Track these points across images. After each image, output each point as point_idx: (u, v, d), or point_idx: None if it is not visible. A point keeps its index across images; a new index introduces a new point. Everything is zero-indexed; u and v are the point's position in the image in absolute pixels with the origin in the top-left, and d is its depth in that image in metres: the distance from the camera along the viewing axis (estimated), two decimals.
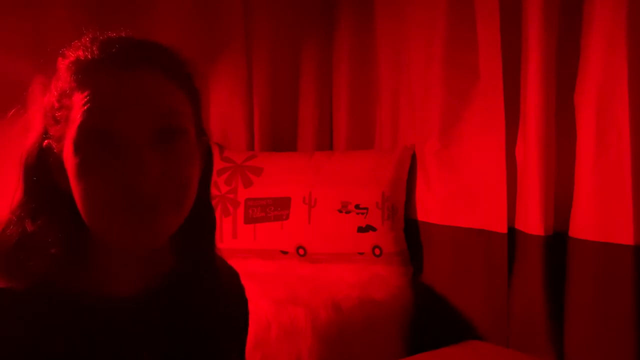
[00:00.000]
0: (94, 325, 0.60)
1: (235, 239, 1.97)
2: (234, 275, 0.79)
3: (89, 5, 1.83)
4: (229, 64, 2.13)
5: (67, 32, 1.77)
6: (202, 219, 0.69)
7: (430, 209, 1.87)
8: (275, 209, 1.95)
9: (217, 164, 2.06)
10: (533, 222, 1.50)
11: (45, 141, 0.62)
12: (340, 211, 1.89)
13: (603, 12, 1.34)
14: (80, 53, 0.60)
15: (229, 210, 1.99)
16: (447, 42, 1.74)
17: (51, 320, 0.58)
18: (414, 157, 1.94)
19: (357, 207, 1.88)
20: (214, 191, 2.20)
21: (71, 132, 0.57)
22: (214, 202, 2.25)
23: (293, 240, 1.92)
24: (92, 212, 0.58)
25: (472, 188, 1.71)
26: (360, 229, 1.87)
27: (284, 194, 1.95)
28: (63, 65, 0.61)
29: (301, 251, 1.92)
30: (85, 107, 0.57)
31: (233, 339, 0.75)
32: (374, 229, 1.86)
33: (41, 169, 0.62)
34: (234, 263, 2.12)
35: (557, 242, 1.47)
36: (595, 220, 1.38)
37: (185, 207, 0.62)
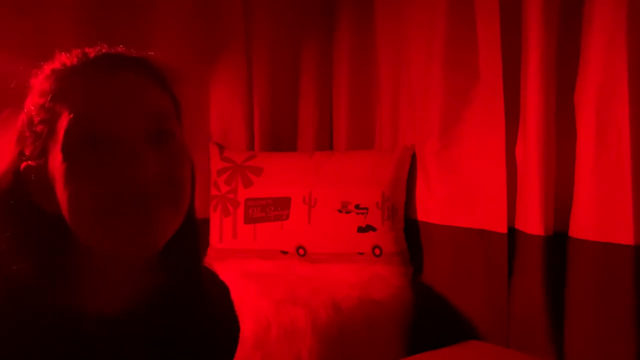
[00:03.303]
0: (77, 344, 0.57)
1: (235, 239, 1.97)
2: (223, 290, 0.77)
3: (89, 6, 1.83)
4: (229, 64, 2.12)
5: (68, 32, 1.77)
6: (188, 232, 0.67)
7: (430, 209, 1.87)
8: (275, 209, 1.95)
9: (217, 164, 2.06)
10: (533, 222, 1.50)
11: (23, 164, 0.60)
12: (340, 211, 1.89)
13: (603, 12, 1.34)
14: (57, 65, 0.59)
15: (229, 210, 1.99)
16: (447, 42, 1.74)
17: (25, 341, 0.56)
18: (414, 157, 1.94)
19: (357, 207, 1.88)
20: (214, 191, 2.21)
21: (58, 140, 0.56)
22: (213, 202, 2.25)
23: (293, 240, 1.92)
24: (87, 217, 0.56)
25: (472, 188, 1.71)
26: (360, 229, 1.87)
27: (284, 194, 1.95)
28: (38, 80, 0.60)
29: (301, 251, 1.91)
30: (74, 111, 0.55)
31: (220, 354, 0.73)
32: (374, 229, 1.86)
33: (17, 193, 0.60)
34: (234, 263, 2.12)
35: (557, 242, 1.47)
36: (595, 220, 1.38)
37: (182, 208, 0.60)
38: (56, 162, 0.56)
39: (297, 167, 2.00)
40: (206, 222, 2.03)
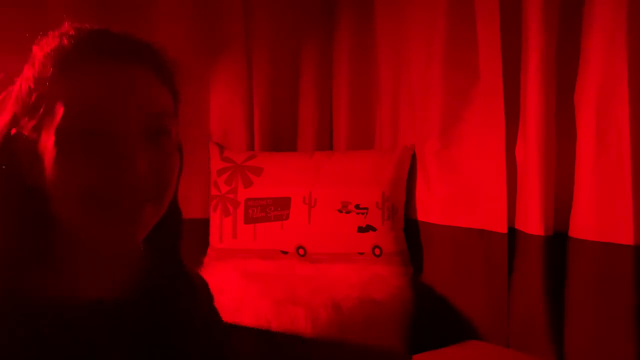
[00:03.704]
0: (62, 334, 0.56)
1: (235, 239, 1.97)
2: (204, 284, 0.78)
3: (88, 6, 1.83)
4: (229, 64, 2.13)
5: None
6: (172, 222, 0.67)
7: (430, 209, 1.87)
8: (275, 209, 1.95)
9: (217, 164, 2.06)
10: (533, 222, 1.50)
11: (13, 129, 0.58)
12: (340, 211, 1.89)
13: (603, 12, 1.34)
14: (65, 41, 0.57)
15: (229, 210, 1.99)
16: (447, 42, 1.74)
17: (11, 331, 0.54)
18: (414, 157, 1.94)
19: (357, 207, 1.88)
20: (214, 191, 2.20)
21: (54, 123, 0.54)
22: (213, 202, 2.23)
23: (293, 240, 1.92)
24: (75, 204, 0.56)
25: (472, 188, 1.71)
26: (360, 229, 1.87)
27: (284, 194, 1.95)
28: (41, 52, 0.58)
29: (301, 251, 1.91)
30: (74, 99, 0.55)
31: (207, 343, 0.72)
32: (374, 229, 1.86)
33: (5, 159, 0.58)
34: (234, 263, 2.11)
35: (557, 242, 1.47)
36: (595, 220, 1.38)
37: (165, 203, 0.61)
38: (48, 143, 0.55)
39: (297, 167, 2.00)
40: (206, 222, 2.03)
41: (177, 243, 0.70)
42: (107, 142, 0.55)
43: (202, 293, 0.75)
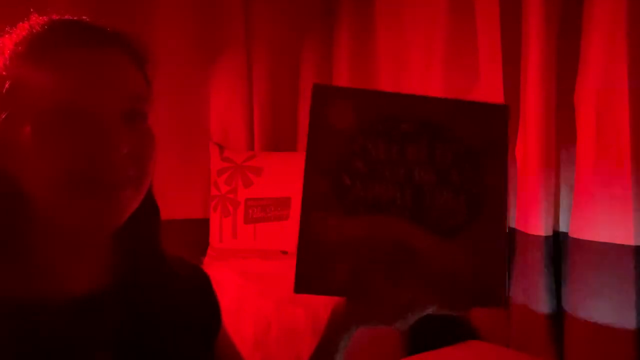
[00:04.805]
0: (39, 332, 0.55)
1: (235, 239, 1.97)
2: (194, 268, 0.76)
3: (88, 6, 1.83)
4: (229, 64, 2.13)
5: None
6: (149, 213, 0.66)
7: None
8: (275, 209, 1.95)
9: (217, 164, 2.06)
10: (533, 222, 1.50)
11: None
12: None
13: (603, 12, 1.34)
14: (38, 28, 0.57)
15: (229, 210, 1.99)
16: (447, 42, 1.74)
17: None
18: None
19: None
20: (214, 191, 2.19)
21: (30, 107, 0.54)
22: (213, 202, 2.21)
23: (293, 240, 1.92)
24: (55, 187, 0.55)
25: None
26: None
27: (284, 194, 1.95)
28: (10, 40, 0.57)
29: None
30: (50, 81, 0.54)
31: (195, 334, 0.70)
32: None
33: None
34: (234, 263, 2.10)
35: (557, 242, 1.47)
36: (595, 220, 1.38)
37: (144, 189, 0.60)
38: (24, 129, 0.54)
39: (297, 167, 2.00)
40: (206, 222, 2.03)
41: (156, 235, 0.69)
42: (86, 122, 0.54)
43: (188, 280, 0.73)
